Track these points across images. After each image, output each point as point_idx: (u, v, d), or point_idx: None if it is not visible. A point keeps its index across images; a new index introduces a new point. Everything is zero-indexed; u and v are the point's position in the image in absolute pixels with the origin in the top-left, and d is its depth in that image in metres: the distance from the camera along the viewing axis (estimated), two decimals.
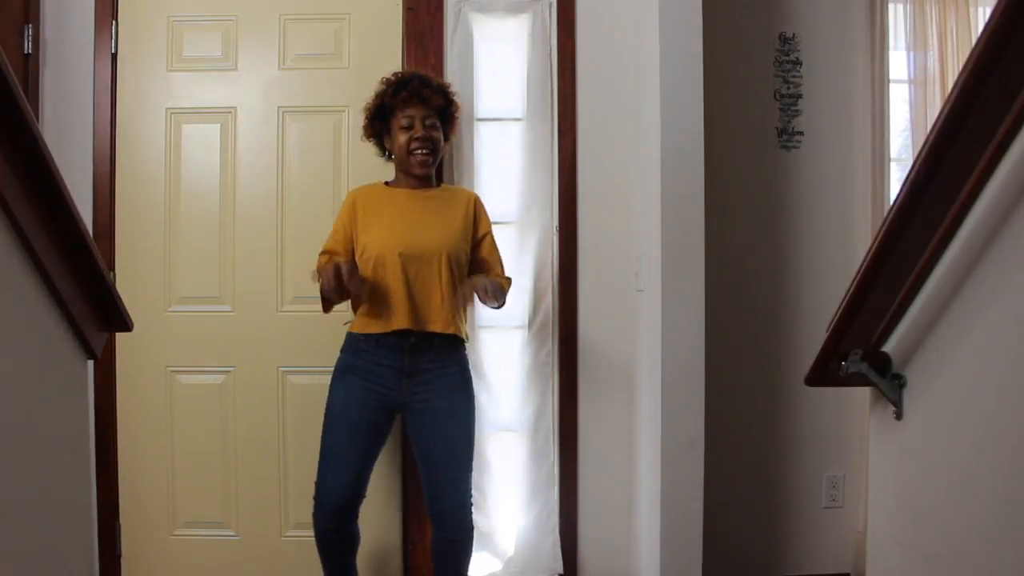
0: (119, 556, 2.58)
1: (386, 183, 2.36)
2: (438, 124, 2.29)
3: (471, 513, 2.24)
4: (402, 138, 2.25)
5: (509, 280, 2.35)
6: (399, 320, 2.16)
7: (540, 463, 2.61)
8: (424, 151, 2.25)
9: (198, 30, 2.62)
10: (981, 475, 1.30)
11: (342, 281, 2.03)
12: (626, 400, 2.63)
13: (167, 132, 2.60)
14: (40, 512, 1.41)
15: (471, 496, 2.24)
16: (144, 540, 2.59)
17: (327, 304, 2.18)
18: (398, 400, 2.20)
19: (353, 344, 2.23)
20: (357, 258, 2.23)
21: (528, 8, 2.63)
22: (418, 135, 2.24)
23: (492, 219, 2.61)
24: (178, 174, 2.60)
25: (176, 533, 2.59)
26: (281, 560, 2.55)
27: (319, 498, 2.22)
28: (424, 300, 2.18)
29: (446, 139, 2.36)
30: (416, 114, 2.25)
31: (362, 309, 2.22)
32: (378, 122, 2.32)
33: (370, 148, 2.41)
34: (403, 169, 2.31)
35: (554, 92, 2.63)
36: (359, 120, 2.44)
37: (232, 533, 2.59)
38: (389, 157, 2.37)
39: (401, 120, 2.25)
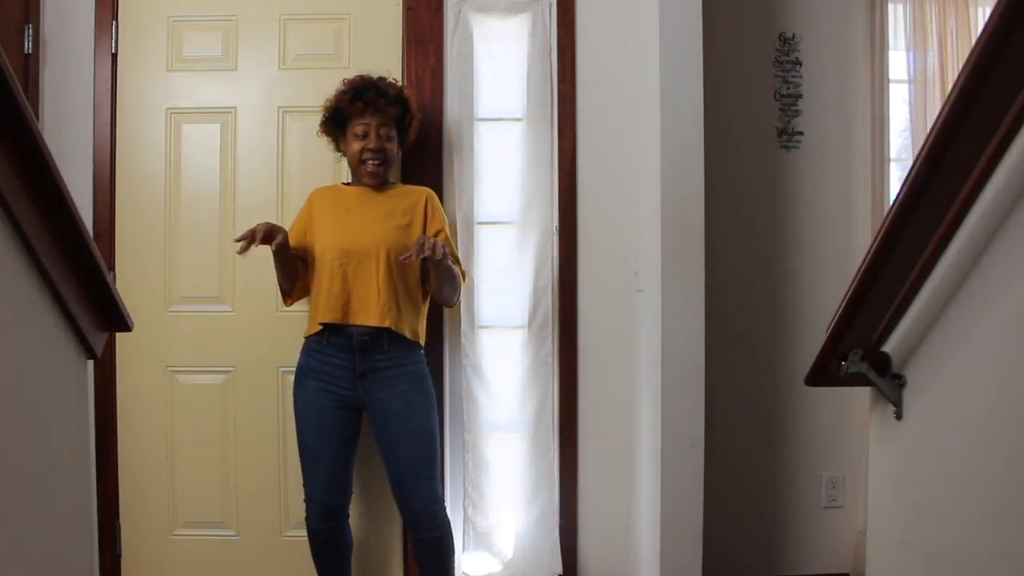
0: (119, 556, 2.58)
1: (344, 183, 2.43)
2: (393, 134, 2.33)
3: (443, 510, 2.28)
4: (355, 147, 2.30)
5: (464, 273, 2.39)
6: (328, 313, 2.20)
7: (540, 463, 2.61)
8: (375, 162, 2.29)
9: (198, 30, 2.62)
10: (981, 475, 1.30)
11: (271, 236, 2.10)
12: (626, 400, 2.63)
13: (167, 132, 2.60)
14: (40, 512, 1.41)
15: (441, 494, 2.29)
16: (144, 540, 2.59)
17: (285, 295, 2.33)
18: (357, 399, 2.24)
19: (307, 346, 2.29)
20: (308, 256, 2.30)
21: (528, 8, 2.63)
22: (371, 146, 2.28)
23: (492, 219, 2.63)
24: (178, 174, 2.60)
25: (176, 533, 2.59)
26: (281, 560, 2.55)
27: (308, 502, 2.28)
28: (360, 294, 2.21)
29: (403, 144, 2.39)
30: (371, 123, 2.29)
31: (310, 310, 2.30)
32: (333, 124, 2.35)
33: None
34: (354, 174, 2.37)
35: (554, 92, 2.63)
36: None
37: (232, 533, 2.59)
38: (344, 155, 2.41)
39: (356, 128, 2.29)
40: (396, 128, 2.34)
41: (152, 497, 2.58)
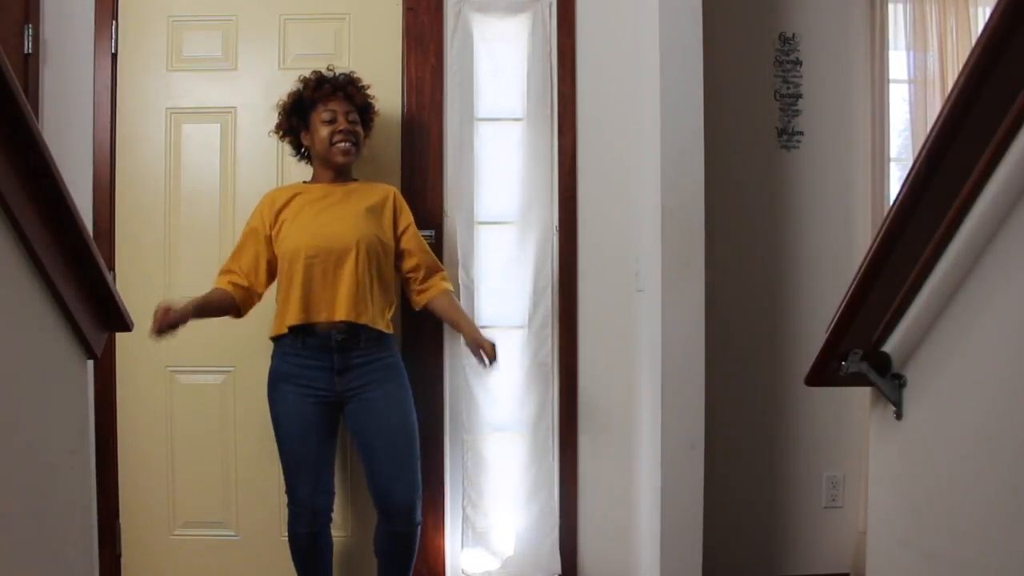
0: (119, 556, 2.59)
1: (304, 182, 2.39)
2: (359, 120, 2.33)
3: (420, 506, 2.26)
4: (324, 131, 2.28)
5: (441, 269, 2.41)
6: (298, 315, 2.18)
7: (540, 463, 2.61)
8: (347, 142, 2.28)
9: (198, 30, 2.62)
10: (981, 474, 1.30)
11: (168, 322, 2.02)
12: (626, 400, 2.63)
13: (167, 132, 2.60)
14: (40, 512, 1.41)
15: (420, 489, 2.26)
16: (144, 540, 2.59)
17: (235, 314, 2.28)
18: (335, 396, 2.23)
19: (280, 350, 2.26)
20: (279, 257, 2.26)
21: (528, 8, 2.62)
22: (341, 128, 2.27)
23: (492, 219, 2.64)
24: (178, 174, 2.60)
25: (176, 533, 2.59)
26: (281, 560, 2.54)
27: (293, 507, 2.25)
28: (335, 291, 2.18)
29: (365, 140, 2.38)
30: (339, 108, 2.28)
31: (277, 309, 2.26)
32: (296, 117, 2.33)
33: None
34: (324, 161, 2.32)
35: (554, 92, 2.63)
36: None
37: (232, 533, 2.60)
38: (303, 156, 2.40)
39: (323, 114, 2.28)
40: (360, 118, 2.34)
41: (152, 497, 2.58)
